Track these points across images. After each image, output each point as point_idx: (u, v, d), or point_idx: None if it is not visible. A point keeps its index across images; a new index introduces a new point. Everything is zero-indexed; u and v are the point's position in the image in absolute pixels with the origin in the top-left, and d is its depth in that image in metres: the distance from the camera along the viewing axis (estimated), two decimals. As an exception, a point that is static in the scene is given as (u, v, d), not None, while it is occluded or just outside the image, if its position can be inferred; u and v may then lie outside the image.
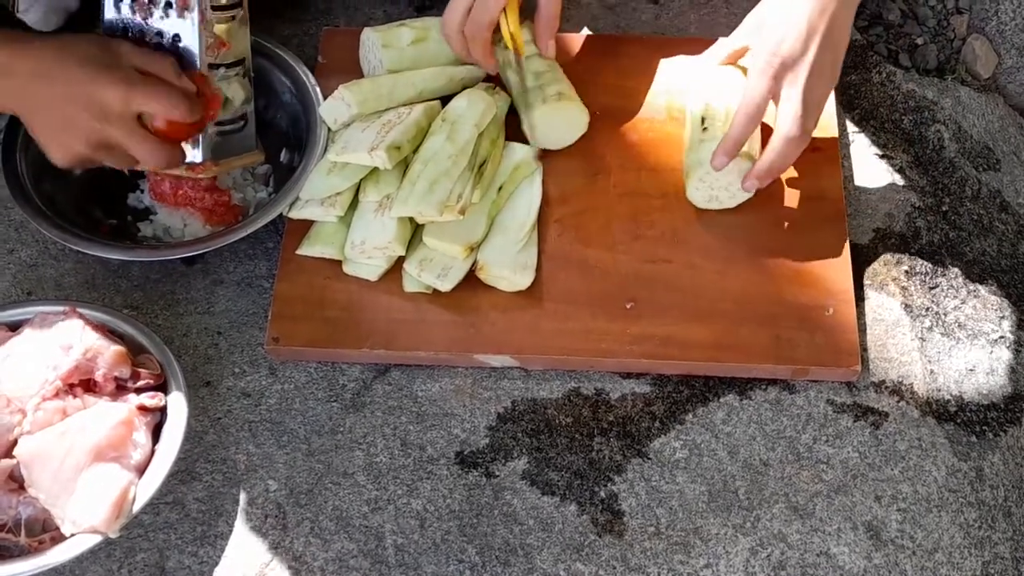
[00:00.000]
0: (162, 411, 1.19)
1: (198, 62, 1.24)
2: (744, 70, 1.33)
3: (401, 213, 1.27)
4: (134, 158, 1.21)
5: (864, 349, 1.26)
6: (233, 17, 1.27)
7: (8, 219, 1.39)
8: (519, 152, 1.35)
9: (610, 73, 1.44)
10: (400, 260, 1.29)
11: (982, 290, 1.32)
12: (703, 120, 1.31)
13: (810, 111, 1.23)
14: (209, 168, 1.29)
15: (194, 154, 1.28)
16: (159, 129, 1.20)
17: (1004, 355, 1.27)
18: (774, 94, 1.23)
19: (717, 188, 1.30)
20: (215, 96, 1.26)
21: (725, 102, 1.32)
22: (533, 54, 1.38)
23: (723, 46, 1.35)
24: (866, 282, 1.31)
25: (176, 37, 1.24)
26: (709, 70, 1.36)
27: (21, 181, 1.33)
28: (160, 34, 1.24)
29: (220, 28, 1.26)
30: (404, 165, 1.31)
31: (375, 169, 1.31)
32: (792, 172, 1.32)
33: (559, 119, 1.36)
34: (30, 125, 1.21)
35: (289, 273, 1.31)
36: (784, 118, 1.23)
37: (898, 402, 1.23)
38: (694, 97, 1.36)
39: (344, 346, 1.27)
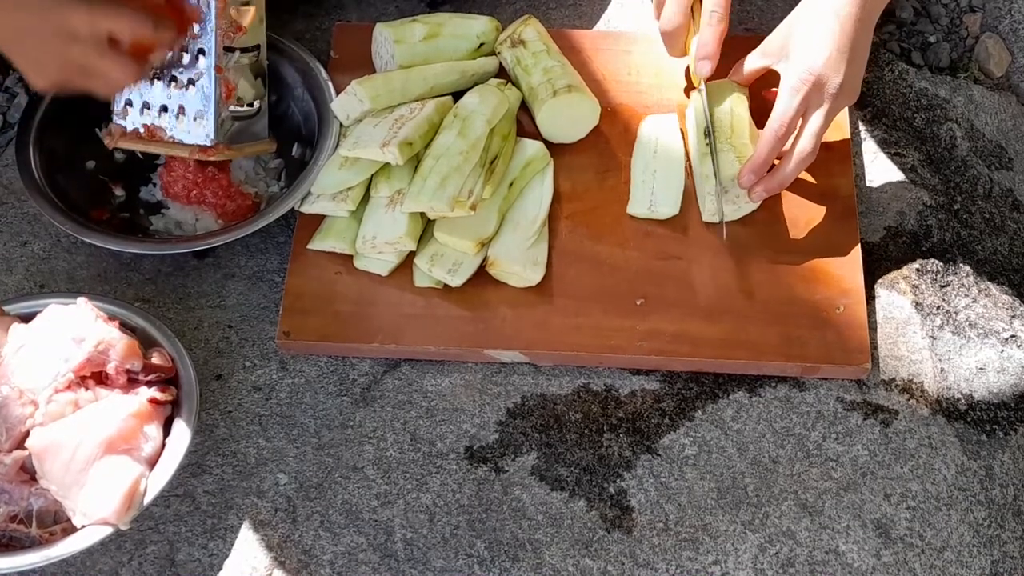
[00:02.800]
0: (173, 404, 1.19)
1: (212, 46, 1.25)
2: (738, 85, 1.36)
3: (412, 208, 1.27)
4: (109, 81, 1.21)
5: (874, 347, 1.26)
6: (251, 1, 1.28)
7: (21, 212, 1.40)
8: (530, 148, 1.35)
9: (622, 70, 1.44)
10: (411, 255, 1.30)
11: (993, 289, 1.31)
12: (706, 133, 1.31)
13: (827, 128, 1.25)
14: (221, 151, 1.30)
15: (207, 136, 1.28)
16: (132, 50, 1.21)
17: (1015, 354, 1.27)
18: (803, 111, 1.24)
19: (724, 202, 1.30)
20: (193, 11, 1.27)
21: (726, 114, 1.32)
22: (541, 50, 1.38)
23: (744, 66, 1.35)
24: (877, 280, 1.31)
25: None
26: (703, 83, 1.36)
27: (34, 173, 1.33)
28: None
29: (236, 12, 1.27)
30: (416, 160, 1.31)
31: (387, 164, 1.31)
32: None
33: (569, 111, 1.36)
34: (7, 54, 1.22)
35: (300, 267, 1.31)
36: (807, 134, 1.25)
37: (908, 400, 1.23)
38: (692, 109, 1.36)
39: (354, 340, 1.27)
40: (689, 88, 1.41)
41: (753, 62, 1.34)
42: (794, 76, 1.23)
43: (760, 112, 1.34)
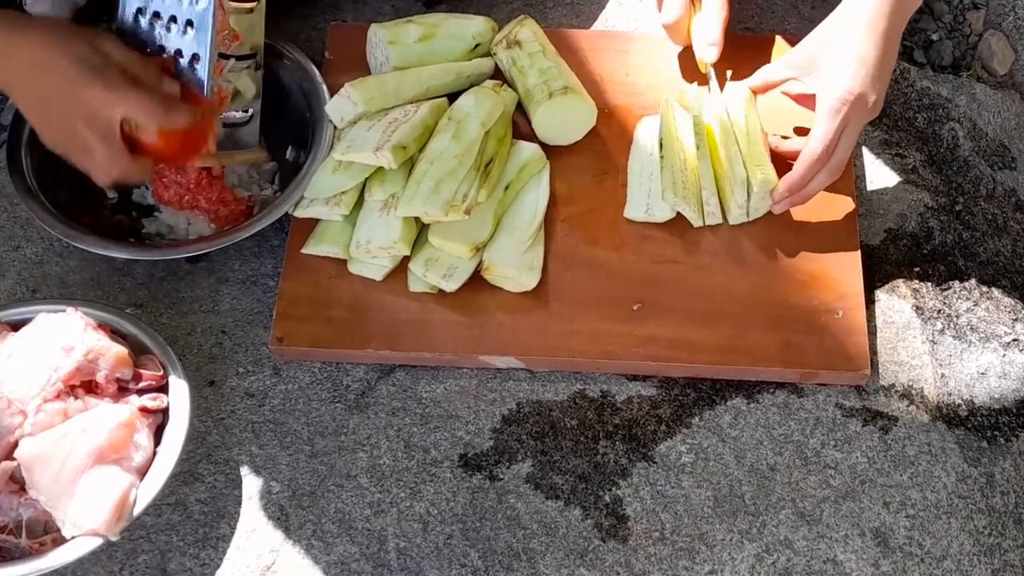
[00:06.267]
0: (164, 412, 1.18)
1: (207, 54, 1.23)
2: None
3: (406, 213, 1.26)
4: (100, 167, 1.20)
5: (874, 352, 1.24)
6: (251, 10, 1.27)
7: (14, 216, 1.39)
8: (526, 150, 1.34)
9: (619, 70, 1.42)
10: (405, 260, 1.28)
11: (995, 292, 1.30)
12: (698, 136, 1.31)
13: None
14: (208, 159, 1.28)
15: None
16: (150, 144, 1.20)
17: (1017, 358, 1.25)
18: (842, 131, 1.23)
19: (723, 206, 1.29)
20: (211, 114, 1.26)
21: (740, 122, 1.31)
22: (537, 51, 1.37)
23: (765, 76, 1.33)
24: (877, 284, 1.29)
25: (188, 23, 1.23)
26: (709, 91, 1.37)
27: (26, 177, 1.32)
28: (174, 18, 1.23)
29: (235, 20, 1.25)
30: (410, 164, 1.30)
31: (381, 168, 1.30)
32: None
33: (565, 113, 1.35)
34: (22, 109, 1.24)
35: (294, 272, 1.30)
36: (839, 152, 1.23)
37: (908, 406, 1.22)
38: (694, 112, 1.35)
39: (349, 346, 1.26)
40: (688, 77, 1.40)
41: (778, 73, 1.32)
42: (834, 97, 1.21)
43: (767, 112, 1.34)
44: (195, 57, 1.24)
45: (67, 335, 1.16)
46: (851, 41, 1.22)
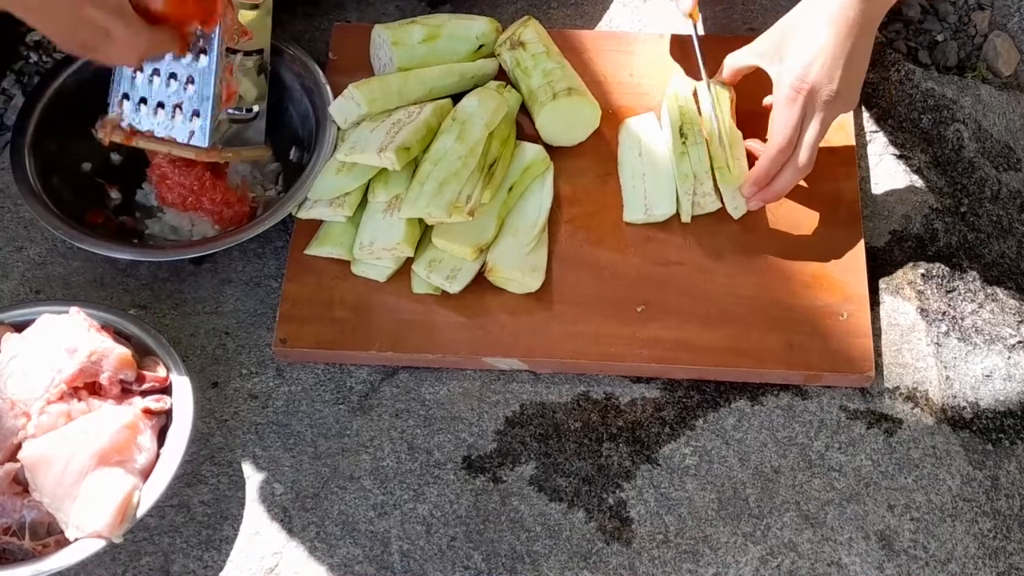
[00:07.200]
0: (168, 414, 1.18)
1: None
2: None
3: (410, 214, 1.25)
4: (122, 47, 1.16)
5: (878, 355, 1.24)
6: (257, 6, 1.27)
7: (17, 216, 1.39)
8: (530, 152, 1.33)
9: (623, 71, 1.42)
10: (409, 261, 1.28)
11: (1000, 293, 1.29)
12: (682, 132, 1.30)
13: (823, 136, 1.23)
14: (216, 154, 1.28)
15: (200, 138, 1.27)
16: (161, 11, 1.18)
17: (1022, 361, 1.25)
18: (801, 120, 1.22)
19: (699, 195, 1.30)
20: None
21: (719, 120, 1.32)
22: (541, 52, 1.37)
23: (733, 62, 1.33)
24: (881, 286, 1.29)
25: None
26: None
27: (29, 177, 1.32)
28: None
29: (245, 15, 1.25)
30: (413, 165, 1.30)
31: (384, 169, 1.29)
32: (807, 173, 1.31)
33: (569, 114, 1.34)
34: (29, 21, 1.14)
35: (297, 273, 1.30)
36: (803, 145, 1.22)
37: (912, 409, 1.22)
38: (668, 104, 1.35)
39: (352, 348, 1.26)
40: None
41: (743, 59, 1.31)
42: (787, 85, 1.20)
43: (752, 115, 1.34)
44: (202, 50, 1.24)
45: (70, 336, 1.16)
46: (812, 31, 1.20)
